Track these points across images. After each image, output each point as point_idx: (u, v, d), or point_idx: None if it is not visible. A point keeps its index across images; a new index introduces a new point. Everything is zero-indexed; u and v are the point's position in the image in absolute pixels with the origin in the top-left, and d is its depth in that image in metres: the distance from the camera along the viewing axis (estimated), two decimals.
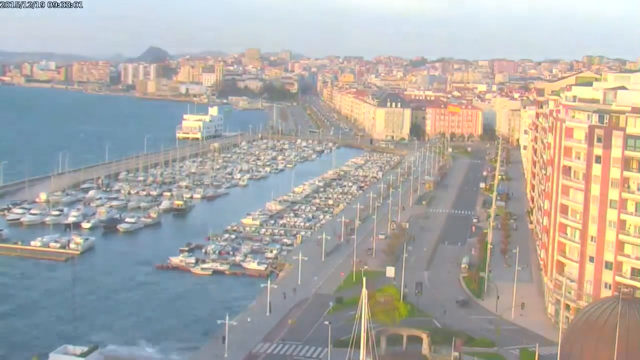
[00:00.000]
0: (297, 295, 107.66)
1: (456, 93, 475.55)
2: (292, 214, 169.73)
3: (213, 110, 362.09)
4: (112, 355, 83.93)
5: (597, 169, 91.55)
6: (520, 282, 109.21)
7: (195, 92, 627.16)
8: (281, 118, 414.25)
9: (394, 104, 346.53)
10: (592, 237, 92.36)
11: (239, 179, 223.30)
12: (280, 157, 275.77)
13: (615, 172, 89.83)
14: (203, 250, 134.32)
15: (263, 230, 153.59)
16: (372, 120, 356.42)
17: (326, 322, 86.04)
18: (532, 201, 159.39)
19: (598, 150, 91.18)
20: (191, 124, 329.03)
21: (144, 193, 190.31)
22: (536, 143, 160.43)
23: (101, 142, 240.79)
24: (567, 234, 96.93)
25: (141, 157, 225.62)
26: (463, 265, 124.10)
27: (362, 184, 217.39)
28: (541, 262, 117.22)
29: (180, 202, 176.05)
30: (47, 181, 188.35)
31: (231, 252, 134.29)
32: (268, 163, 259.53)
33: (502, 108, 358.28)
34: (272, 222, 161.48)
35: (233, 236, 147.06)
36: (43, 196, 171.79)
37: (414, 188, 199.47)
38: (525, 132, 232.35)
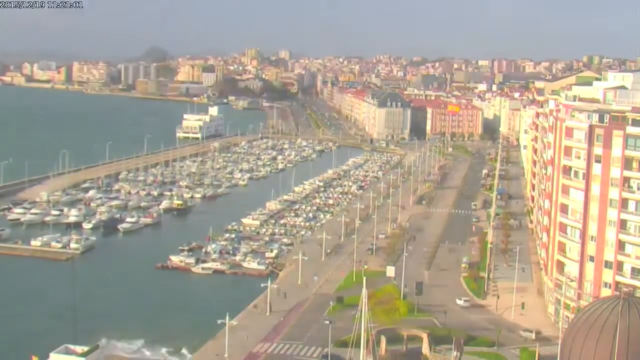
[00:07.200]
0: (297, 296, 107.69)
1: (456, 93, 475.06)
2: (292, 214, 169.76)
3: (213, 110, 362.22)
4: (112, 355, 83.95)
5: (597, 168, 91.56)
6: (520, 282, 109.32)
7: (195, 92, 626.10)
8: (281, 118, 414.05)
9: (394, 104, 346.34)
10: (592, 236, 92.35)
11: (239, 178, 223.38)
12: (280, 157, 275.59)
13: (615, 172, 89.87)
14: (203, 250, 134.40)
15: (263, 230, 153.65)
16: (372, 120, 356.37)
17: (326, 322, 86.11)
18: (532, 201, 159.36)
19: (598, 150, 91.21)
20: (191, 124, 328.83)
21: (144, 193, 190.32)
22: (536, 143, 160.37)
23: (102, 142, 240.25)
24: (567, 234, 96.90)
25: (141, 157, 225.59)
26: (463, 265, 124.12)
27: (362, 184, 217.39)
28: (541, 262, 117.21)
29: (181, 202, 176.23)
30: (47, 181, 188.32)
31: (231, 252, 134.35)
32: (268, 163, 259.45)
33: (502, 108, 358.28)
34: (272, 222, 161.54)
35: (233, 236, 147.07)
36: (43, 196, 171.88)
37: (414, 188, 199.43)
38: (526, 131, 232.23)
